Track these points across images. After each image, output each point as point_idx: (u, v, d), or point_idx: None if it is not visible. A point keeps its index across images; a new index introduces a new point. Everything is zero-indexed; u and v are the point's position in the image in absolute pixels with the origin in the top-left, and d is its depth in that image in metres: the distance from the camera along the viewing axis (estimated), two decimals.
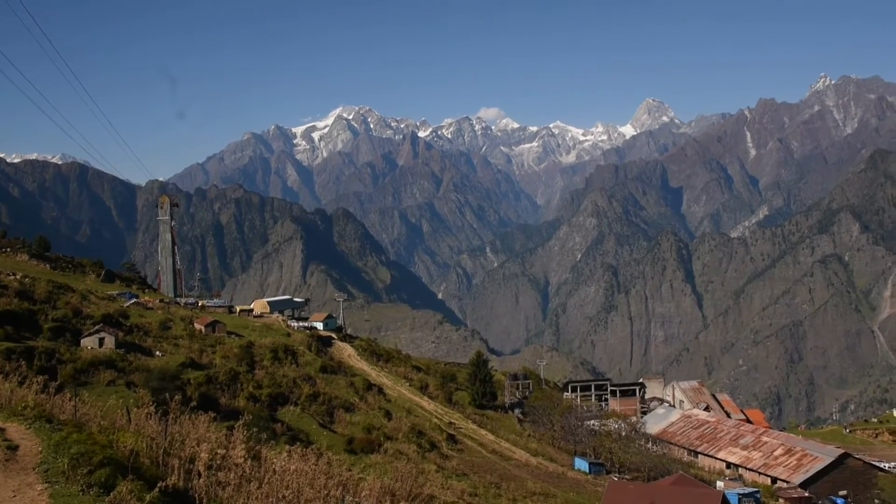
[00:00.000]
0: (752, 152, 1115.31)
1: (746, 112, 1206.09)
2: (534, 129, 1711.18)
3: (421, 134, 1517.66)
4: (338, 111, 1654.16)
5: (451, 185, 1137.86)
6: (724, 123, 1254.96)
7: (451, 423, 72.03)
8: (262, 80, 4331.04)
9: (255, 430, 22.48)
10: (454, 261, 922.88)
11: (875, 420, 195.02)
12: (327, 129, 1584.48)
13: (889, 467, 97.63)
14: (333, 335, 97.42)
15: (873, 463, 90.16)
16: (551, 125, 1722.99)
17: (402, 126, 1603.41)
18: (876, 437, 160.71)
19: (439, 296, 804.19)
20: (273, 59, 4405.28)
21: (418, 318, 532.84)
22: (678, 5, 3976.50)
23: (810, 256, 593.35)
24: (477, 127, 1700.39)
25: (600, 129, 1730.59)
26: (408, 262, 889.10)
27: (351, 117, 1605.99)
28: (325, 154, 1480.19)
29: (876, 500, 76.60)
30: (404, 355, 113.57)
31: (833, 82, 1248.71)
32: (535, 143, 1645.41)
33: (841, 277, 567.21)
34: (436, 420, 70.78)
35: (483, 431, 73.11)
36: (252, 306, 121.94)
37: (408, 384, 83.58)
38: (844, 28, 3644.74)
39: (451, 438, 65.09)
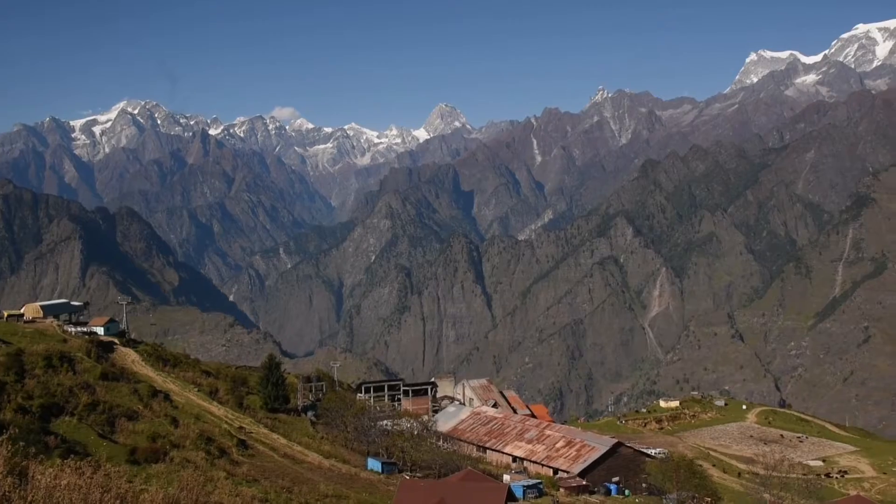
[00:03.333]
0: (538, 158, 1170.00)
1: (533, 120, 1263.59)
2: (329, 130, 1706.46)
3: (212, 132, 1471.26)
4: (121, 105, 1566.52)
5: (244, 185, 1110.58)
6: (512, 130, 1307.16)
7: (241, 428, 70.17)
8: (35, 68, 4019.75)
9: (22, 444, 20.78)
10: (246, 262, 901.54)
11: (644, 410, 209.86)
12: (110, 124, 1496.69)
13: (655, 453, 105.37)
14: (116, 340, 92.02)
15: (642, 450, 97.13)
16: (346, 127, 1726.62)
17: (192, 123, 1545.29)
18: (645, 426, 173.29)
19: (231, 298, 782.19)
20: (47, 47, 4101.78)
21: (208, 321, 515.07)
22: (469, 15, 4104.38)
23: (590, 258, 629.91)
24: (271, 126, 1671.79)
25: (395, 132, 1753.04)
26: (197, 263, 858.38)
27: (136, 112, 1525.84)
28: (107, 150, 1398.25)
29: (644, 484, 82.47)
30: (193, 360, 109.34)
31: (610, 95, 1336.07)
32: (329, 145, 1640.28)
33: (617, 278, 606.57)
34: (226, 426, 68.70)
35: (275, 435, 71.76)
36: (23, 311, 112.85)
37: (196, 389, 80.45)
38: (620, 43, 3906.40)
39: (242, 444, 63.40)
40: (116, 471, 22.93)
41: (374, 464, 70.47)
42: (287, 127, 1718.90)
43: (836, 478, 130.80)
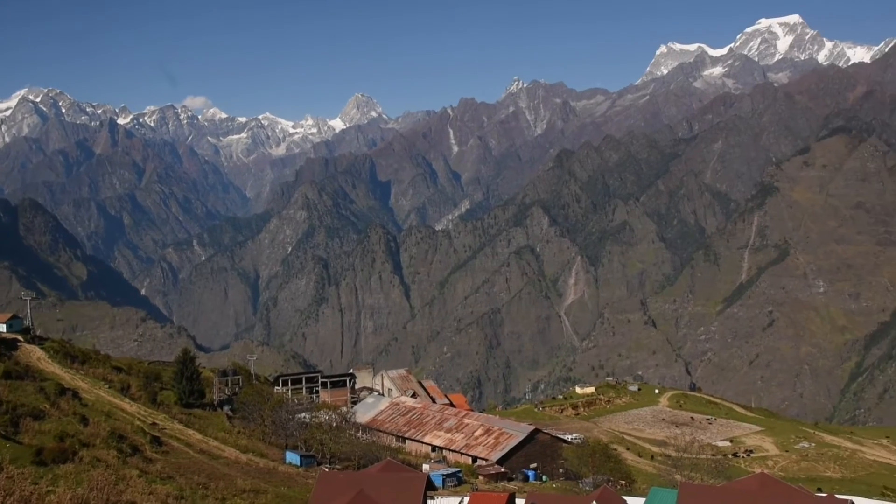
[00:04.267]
0: (455, 149, 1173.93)
1: (449, 110, 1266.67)
2: (243, 119, 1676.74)
3: (120, 121, 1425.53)
4: (22, 93, 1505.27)
5: (155, 176, 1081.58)
6: (429, 120, 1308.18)
7: (154, 424, 68.63)
8: None
9: None
10: (159, 255, 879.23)
11: (561, 397, 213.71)
12: (10, 112, 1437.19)
13: (572, 439, 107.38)
14: (19, 337, 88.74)
15: (559, 436, 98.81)
16: (261, 117, 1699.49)
17: (100, 112, 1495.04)
18: (561, 412, 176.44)
19: (143, 292, 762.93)
20: None
21: (119, 315, 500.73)
22: (384, 6, 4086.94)
23: (507, 248, 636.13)
24: (182, 116, 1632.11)
25: (310, 122, 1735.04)
26: (107, 256, 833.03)
27: (39, 100, 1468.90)
28: (7, 139, 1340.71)
29: (561, 469, 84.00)
30: (103, 356, 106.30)
31: (525, 86, 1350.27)
32: (244, 135, 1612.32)
33: (533, 267, 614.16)
34: (139, 422, 67.07)
35: (190, 431, 70.46)
36: None
37: (107, 386, 78.27)
38: (534, 34, 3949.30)
39: (156, 441, 61.99)
40: (21, 473, 22.14)
41: (292, 457, 69.91)
42: (199, 116, 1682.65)
43: (743, 457, 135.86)
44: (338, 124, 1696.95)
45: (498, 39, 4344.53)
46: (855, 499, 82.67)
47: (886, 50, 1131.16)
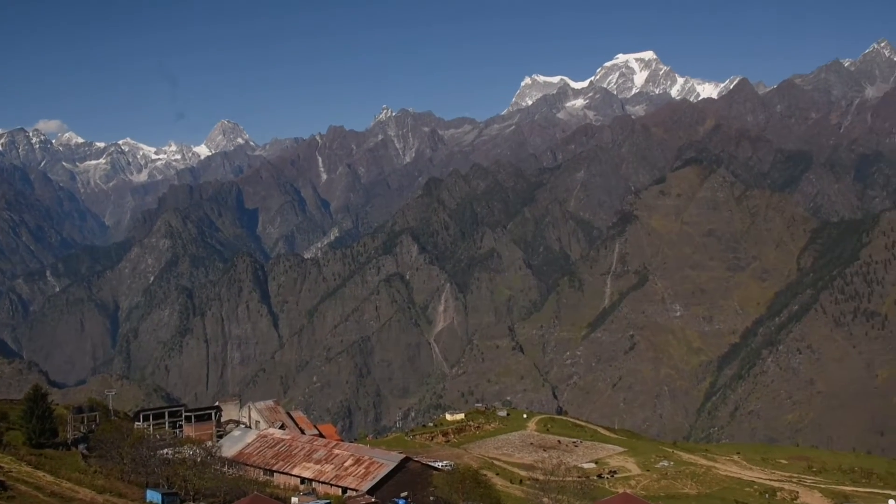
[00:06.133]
0: (324, 176, 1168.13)
1: (318, 138, 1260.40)
2: (101, 145, 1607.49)
3: None
4: None
5: (4, 203, 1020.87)
6: (297, 147, 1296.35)
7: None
8: None
9: None
10: (7, 286, 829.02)
11: (431, 424, 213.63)
12: None
13: (442, 466, 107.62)
14: None
15: (429, 464, 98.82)
16: (121, 142, 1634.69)
17: None
18: (432, 439, 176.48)
19: None
20: None
21: None
22: (249, 32, 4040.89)
23: (377, 276, 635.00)
24: (34, 140, 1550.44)
25: (174, 148, 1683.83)
26: None
27: None
28: None
29: (431, 497, 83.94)
30: None
31: (394, 114, 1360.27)
32: (102, 160, 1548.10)
33: (403, 295, 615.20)
34: None
35: (40, 473, 66.48)
36: None
37: None
38: (402, 63, 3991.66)
39: (1, 486, 58.20)
40: None
41: (153, 495, 67.01)
42: (54, 141, 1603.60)
43: (607, 478, 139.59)
44: (203, 151, 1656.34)
45: (366, 68, 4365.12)
46: None
47: (731, 87, 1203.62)
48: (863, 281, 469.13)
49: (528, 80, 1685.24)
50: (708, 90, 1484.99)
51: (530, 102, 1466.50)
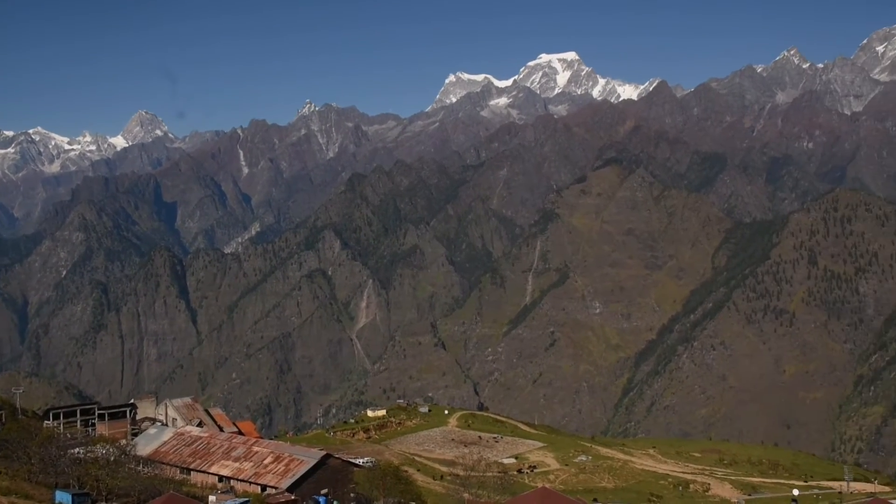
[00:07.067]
0: (245, 170, 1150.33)
1: (239, 131, 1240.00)
2: (10, 133, 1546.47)
3: None
4: None
5: None
6: (218, 141, 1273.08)
7: None
8: None
9: None
10: None
11: (353, 421, 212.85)
12: None
13: (363, 462, 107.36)
14: None
15: (350, 460, 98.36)
16: (31, 131, 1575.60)
17: None
18: (353, 436, 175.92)
19: None
20: None
21: None
22: (169, 21, 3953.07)
23: (298, 271, 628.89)
24: None
25: (88, 138, 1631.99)
26: None
27: None
28: None
29: (352, 494, 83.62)
30: None
31: (317, 109, 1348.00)
32: (11, 150, 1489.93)
33: (325, 291, 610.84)
34: None
35: None
36: None
37: None
38: (326, 59, 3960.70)
39: None
40: None
41: (62, 496, 64.95)
42: None
43: (527, 472, 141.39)
44: (119, 142, 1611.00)
45: (289, 63, 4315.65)
46: None
47: (651, 89, 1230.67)
48: (773, 280, 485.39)
49: (452, 78, 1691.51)
50: (628, 91, 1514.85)
51: (454, 100, 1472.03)
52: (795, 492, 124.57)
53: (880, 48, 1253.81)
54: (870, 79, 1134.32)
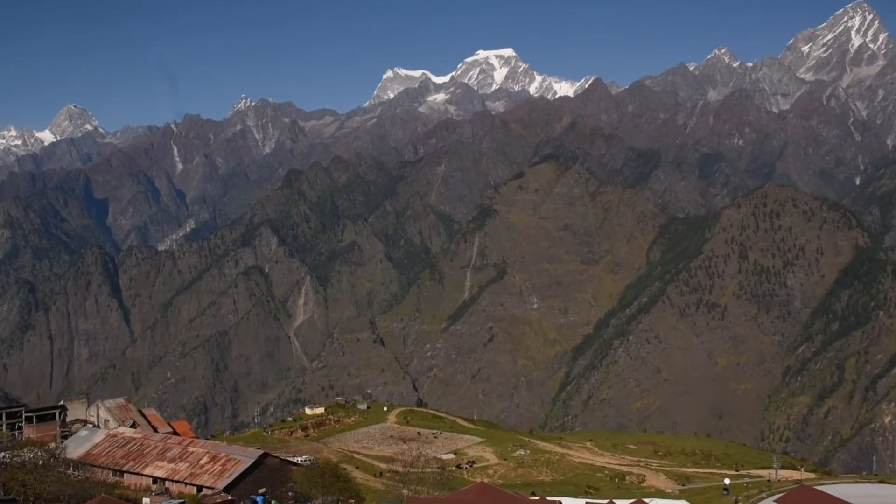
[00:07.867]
0: (180, 166, 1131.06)
1: (173, 126, 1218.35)
2: None
3: None
4: None
5: None
6: (151, 136, 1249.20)
7: None
8: None
9: None
10: None
11: (291, 419, 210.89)
12: None
13: (301, 461, 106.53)
14: None
15: (288, 459, 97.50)
16: None
17: None
18: (291, 434, 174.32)
19: None
20: None
21: None
22: (99, 14, 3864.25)
23: (234, 268, 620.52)
24: None
25: (14, 133, 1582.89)
26: None
27: None
28: None
29: (290, 493, 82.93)
30: None
31: (253, 104, 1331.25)
32: None
33: (262, 288, 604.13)
34: None
35: None
36: None
37: None
38: (262, 54, 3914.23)
39: None
40: None
41: None
42: None
43: (466, 468, 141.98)
44: (47, 136, 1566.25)
45: (224, 57, 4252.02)
46: (563, 499, 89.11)
47: (587, 86, 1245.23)
48: (705, 274, 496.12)
49: (389, 74, 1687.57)
50: (565, 88, 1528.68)
51: (392, 96, 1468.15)
52: (727, 481, 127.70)
53: (805, 48, 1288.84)
54: (796, 78, 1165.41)
